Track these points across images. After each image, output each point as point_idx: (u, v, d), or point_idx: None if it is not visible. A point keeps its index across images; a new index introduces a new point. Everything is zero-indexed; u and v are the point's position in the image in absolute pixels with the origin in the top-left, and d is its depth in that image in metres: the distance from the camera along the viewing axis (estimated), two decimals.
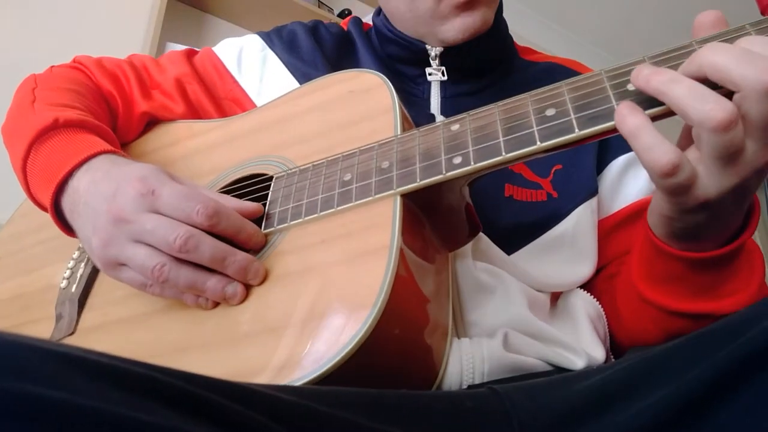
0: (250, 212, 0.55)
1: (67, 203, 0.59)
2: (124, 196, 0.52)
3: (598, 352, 0.60)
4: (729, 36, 0.43)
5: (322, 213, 0.52)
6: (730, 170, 0.41)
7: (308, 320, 0.46)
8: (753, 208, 0.50)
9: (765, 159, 0.40)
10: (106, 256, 0.53)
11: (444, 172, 0.49)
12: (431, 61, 0.77)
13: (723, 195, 0.42)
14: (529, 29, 3.28)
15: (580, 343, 0.60)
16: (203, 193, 0.53)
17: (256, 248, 0.54)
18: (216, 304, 0.52)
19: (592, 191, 0.72)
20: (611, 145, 0.76)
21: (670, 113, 0.42)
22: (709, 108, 0.38)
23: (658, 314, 0.57)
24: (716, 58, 0.39)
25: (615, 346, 0.69)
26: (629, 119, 0.42)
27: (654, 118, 0.43)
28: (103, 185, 0.55)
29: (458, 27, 0.72)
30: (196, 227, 0.50)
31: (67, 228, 0.61)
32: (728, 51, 0.39)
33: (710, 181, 0.42)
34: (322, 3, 2.41)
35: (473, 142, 0.49)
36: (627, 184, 0.75)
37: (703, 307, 0.53)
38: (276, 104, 0.69)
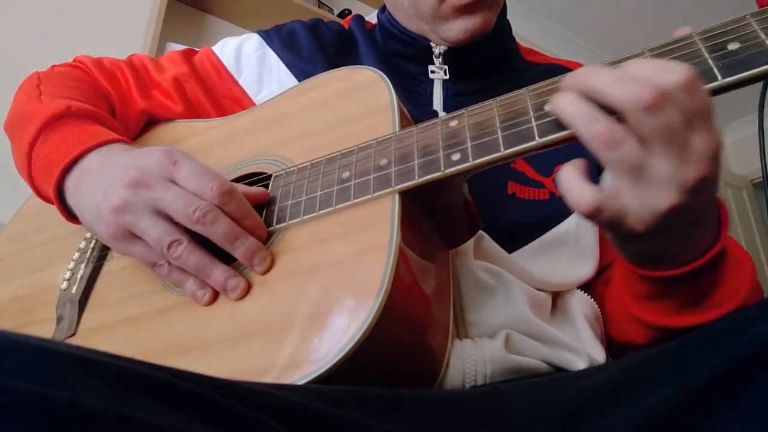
0: (254, 195, 0.56)
1: (72, 182, 0.59)
2: (146, 162, 0.53)
3: (598, 354, 0.60)
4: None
5: (320, 211, 0.52)
6: (650, 189, 0.41)
7: (308, 320, 0.45)
8: (722, 222, 0.49)
9: (683, 174, 0.40)
10: (119, 223, 0.53)
11: (442, 169, 0.48)
12: (434, 59, 0.77)
13: (660, 219, 0.42)
14: (529, 29, 3.28)
15: (580, 344, 0.59)
16: (221, 174, 0.53)
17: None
18: (212, 300, 0.52)
19: None
20: None
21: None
22: (596, 128, 0.41)
23: (646, 330, 0.57)
24: (594, 81, 0.42)
25: (611, 347, 0.69)
26: (561, 169, 0.44)
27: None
28: (121, 158, 0.56)
29: (459, 28, 0.73)
30: None
31: (68, 211, 0.61)
32: (605, 74, 0.42)
33: (638, 205, 0.42)
34: (322, 3, 2.41)
35: (471, 138, 0.49)
36: None
37: (688, 320, 0.53)
38: (274, 102, 0.69)
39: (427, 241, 0.53)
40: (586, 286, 0.70)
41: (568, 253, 0.68)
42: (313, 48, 0.80)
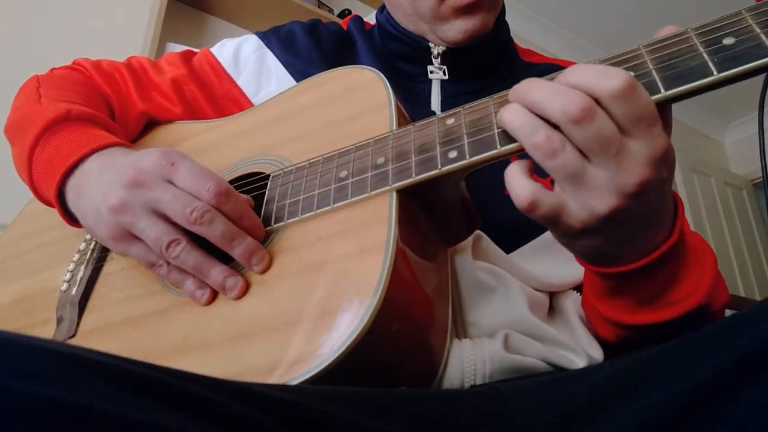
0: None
1: (72, 186, 0.59)
2: (144, 163, 0.53)
3: (596, 352, 0.60)
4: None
5: (318, 210, 0.52)
6: (589, 193, 0.43)
7: (306, 318, 0.45)
8: (674, 224, 0.49)
9: (621, 180, 0.41)
10: (118, 223, 0.53)
11: (439, 166, 0.48)
12: (433, 60, 0.77)
13: (600, 220, 0.43)
14: (529, 29, 3.29)
15: (579, 343, 0.60)
16: (219, 175, 0.54)
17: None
18: (211, 300, 0.52)
19: None
20: None
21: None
22: (537, 138, 0.43)
23: (613, 327, 0.58)
24: (531, 95, 0.44)
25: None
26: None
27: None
28: (120, 160, 0.56)
29: (458, 29, 0.73)
30: None
31: (69, 215, 0.61)
32: (542, 88, 0.43)
33: (577, 206, 0.44)
34: (322, 3, 2.41)
35: (468, 135, 0.49)
36: None
37: (650, 317, 0.53)
38: (272, 103, 0.69)
39: (425, 239, 0.53)
40: (580, 286, 0.70)
41: (566, 252, 0.68)
42: (311, 49, 0.80)
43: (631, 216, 0.44)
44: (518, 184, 0.44)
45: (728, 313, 0.51)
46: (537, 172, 0.71)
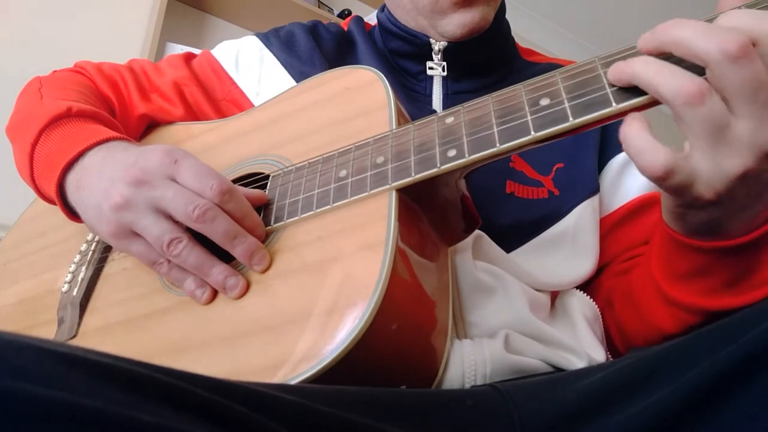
0: (253, 196, 0.56)
1: (72, 180, 0.59)
2: (147, 161, 0.53)
3: (598, 354, 0.60)
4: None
5: (318, 210, 0.52)
6: (727, 151, 0.39)
7: (306, 317, 0.45)
8: None
9: (763, 137, 0.39)
10: (119, 221, 0.53)
11: (438, 165, 0.48)
12: (434, 56, 0.77)
13: (730, 185, 0.40)
14: (529, 29, 3.29)
15: (580, 344, 0.59)
16: (221, 174, 0.54)
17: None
18: (211, 299, 0.52)
19: (594, 189, 0.72)
20: (611, 142, 0.76)
21: (654, 102, 0.42)
22: (678, 83, 0.39)
23: (683, 314, 0.56)
24: (678, 33, 0.40)
25: (619, 346, 0.68)
26: (624, 127, 0.42)
27: (644, 107, 0.42)
28: (122, 155, 0.56)
29: (456, 22, 0.73)
30: None
31: (70, 210, 0.61)
32: (689, 26, 0.39)
33: (712, 170, 0.40)
34: (322, 3, 2.41)
35: (467, 134, 0.49)
36: (627, 180, 0.75)
37: (726, 302, 0.51)
38: (272, 103, 0.69)
39: (425, 237, 0.53)
40: (586, 284, 0.70)
41: (567, 251, 0.68)
42: (311, 49, 0.80)
43: (756, 181, 0.41)
44: (651, 148, 0.40)
45: None
46: (534, 168, 0.72)
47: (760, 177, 0.41)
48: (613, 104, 0.43)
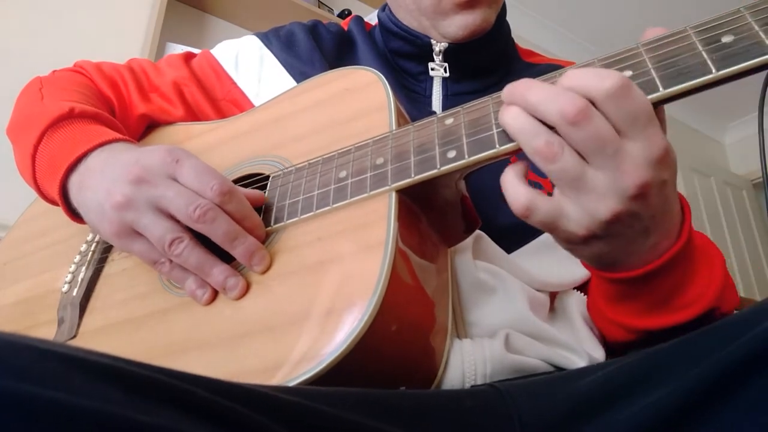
0: (251, 197, 0.56)
1: (75, 181, 0.59)
2: (149, 160, 0.53)
3: (598, 353, 0.60)
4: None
5: (318, 211, 0.52)
6: (590, 198, 0.43)
7: (306, 318, 0.45)
8: (682, 228, 0.49)
9: (620, 183, 0.42)
10: (121, 220, 0.53)
11: (438, 166, 0.48)
12: (435, 57, 0.77)
13: (604, 225, 0.43)
14: (529, 29, 3.29)
15: (580, 343, 0.60)
16: (223, 174, 0.54)
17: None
18: (212, 299, 0.52)
19: None
20: None
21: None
22: (537, 142, 0.43)
23: (623, 331, 0.57)
24: (529, 98, 0.44)
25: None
26: (503, 174, 0.47)
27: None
28: (124, 156, 0.56)
29: (459, 24, 0.73)
30: None
31: (72, 211, 0.61)
32: (537, 91, 0.43)
33: (579, 211, 0.44)
34: (322, 3, 2.41)
35: (467, 135, 0.49)
36: None
37: (659, 321, 0.53)
38: (272, 104, 0.69)
39: (424, 238, 0.53)
40: (583, 286, 0.70)
41: (565, 252, 0.68)
42: (311, 49, 0.80)
43: (633, 220, 0.44)
44: (514, 190, 0.45)
45: None
46: (534, 171, 0.72)
47: (638, 215, 0.44)
48: None
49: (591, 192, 0.43)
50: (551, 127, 0.43)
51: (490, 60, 0.80)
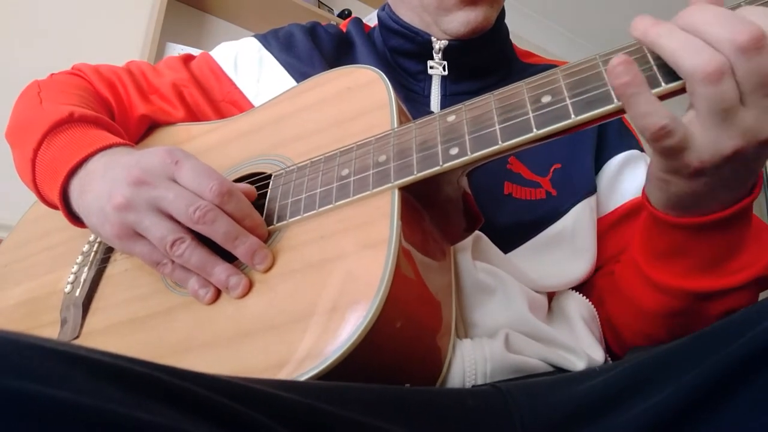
0: (245, 193, 0.56)
1: (76, 185, 0.60)
2: (149, 161, 0.54)
3: (597, 354, 0.60)
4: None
5: (320, 209, 0.52)
6: (726, 131, 0.41)
7: (309, 316, 0.45)
8: (756, 184, 0.49)
9: (761, 125, 0.40)
10: (122, 222, 0.53)
11: (441, 163, 0.48)
12: (434, 55, 0.77)
13: (719, 161, 0.42)
14: (529, 29, 3.29)
15: (579, 344, 0.59)
16: (222, 175, 0.54)
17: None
18: (215, 299, 0.52)
19: (591, 190, 0.73)
20: (608, 143, 0.77)
21: (676, 92, 0.43)
22: (700, 59, 0.39)
23: (664, 296, 0.56)
24: (695, 17, 0.40)
25: (614, 347, 0.68)
26: (624, 78, 0.42)
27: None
28: (125, 159, 0.56)
29: (461, 20, 0.74)
30: None
31: (73, 215, 0.62)
32: (710, 11, 0.40)
33: (705, 143, 0.42)
34: (322, 3, 2.41)
35: (469, 132, 0.49)
36: (623, 182, 0.75)
37: (706, 283, 0.52)
38: (273, 103, 0.69)
39: (427, 236, 0.53)
40: (585, 284, 0.70)
41: (564, 252, 0.68)
42: (310, 49, 0.80)
43: (741, 163, 0.43)
44: (651, 106, 0.41)
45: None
46: (534, 170, 0.72)
47: (748, 160, 0.43)
48: (615, 101, 0.43)
49: (730, 126, 0.40)
50: None
51: (488, 60, 0.80)
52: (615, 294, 0.66)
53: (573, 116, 0.44)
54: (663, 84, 0.42)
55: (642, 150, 0.79)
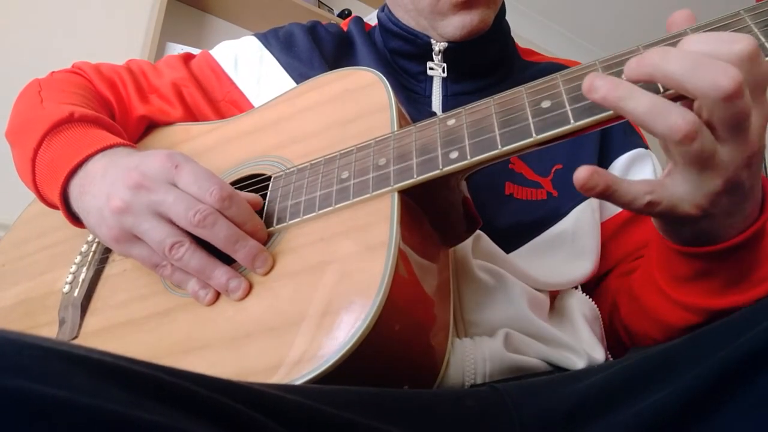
0: (248, 201, 0.56)
1: (76, 186, 0.59)
2: (148, 165, 0.53)
3: (598, 353, 0.60)
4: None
5: (320, 211, 0.52)
6: (710, 172, 0.40)
7: (309, 318, 0.46)
8: (765, 193, 0.48)
9: (742, 154, 0.40)
10: (120, 225, 0.53)
11: (441, 167, 0.49)
12: (434, 56, 0.77)
13: (715, 198, 0.42)
14: (529, 29, 3.29)
15: (580, 343, 0.60)
16: (222, 179, 0.54)
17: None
18: (214, 300, 0.52)
19: None
20: (614, 142, 0.76)
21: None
22: (672, 121, 0.38)
23: (687, 314, 0.55)
24: (669, 67, 0.38)
25: (616, 346, 0.68)
26: (599, 188, 0.42)
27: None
28: (124, 161, 0.56)
29: (456, 24, 0.73)
30: None
31: (73, 216, 0.61)
32: (681, 59, 0.38)
33: (695, 190, 0.42)
34: (322, 3, 2.41)
35: (469, 136, 0.49)
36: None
37: (732, 300, 0.51)
38: (273, 104, 0.69)
39: (426, 238, 0.53)
40: (593, 288, 0.70)
41: (566, 252, 0.68)
42: (311, 50, 0.80)
43: (739, 190, 0.42)
44: (632, 185, 0.42)
45: None
46: (534, 170, 0.72)
47: (742, 184, 0.42)
48: None
49: (714, 168, 0.40)
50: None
51: (489, 59, 0.80)
52: (633, 303, 0.65)
53: (572, 122, 0.44)
54: (662, 89, 0.43)
55: (647, 147, 0.79)
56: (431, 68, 0.77)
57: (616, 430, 0.39)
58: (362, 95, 0.60)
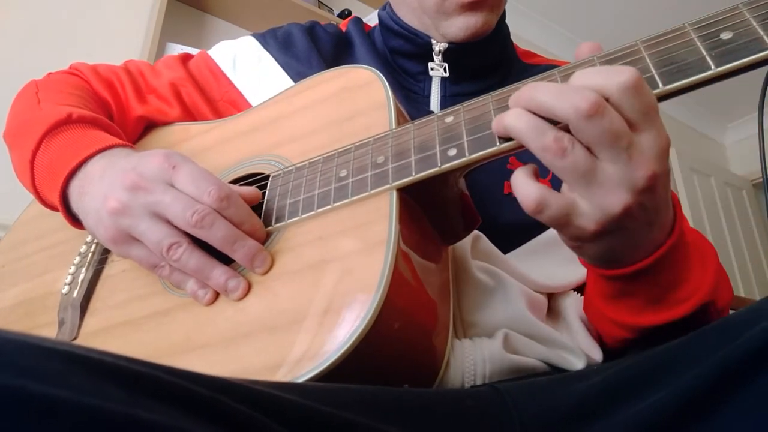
0: (247, 195, 0.56)
1: (75, 187, 0.59)
2: (145, 166, 0.53)
3: (595, 354, 0.60)
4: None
5: (319, 210, 0.52)
6: (601, 192, 0.43)
7: (308, 317, 0.45)
8: (676, 219, 0.49)
9: (632, 175, 0.42)
10: (118, 226, 0.53)
11: (439, 164, 0.48)
12: (434, 57, 0.77)
13: (614, 220, 0.43)
14: (529, 29, 3.29)
15: (578, 344, 0.60)
16: (219, 178, 0.54)
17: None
18: (213, 299, 0.52)
19: None
20: None
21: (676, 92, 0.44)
22: (542, 141, 0.43)
23: (620, 329, 0.57)
24: (538, 97, 0.43)
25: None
26: (513, 175, 0.46)
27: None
28: (122, 161, 0.56)
29: (460, 25, 0.73)
30: None
31: (72, 217, 0.61)
32: (545, 91, 0.43)
33: (590, 206, 0.43)
34: (322, 3, 2.42)
35: (468, 133, 0.49)
36: None
37: (656, 318, 0.52)
38: (271, 103, 0.69)
39: (425, 237, 0.53)
40: (580, 288, 0.70)
41: (564, 254, 0.68)
42: (309, 49, 0.80)
43: (642, 212, 0.44)
44: (525, 186, 0.45)
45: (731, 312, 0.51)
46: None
47: (646, 208, 0.44)
48: None
49: (602, 186, 0.43)
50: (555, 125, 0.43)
51: (489, 61, 0.80)
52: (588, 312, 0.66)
53: None
54: (660, 86, 0.43)
55: None
56: (432, 68, 0.77)
57: (616, 430, 0.39)
58: (360, 93, 0.60)
